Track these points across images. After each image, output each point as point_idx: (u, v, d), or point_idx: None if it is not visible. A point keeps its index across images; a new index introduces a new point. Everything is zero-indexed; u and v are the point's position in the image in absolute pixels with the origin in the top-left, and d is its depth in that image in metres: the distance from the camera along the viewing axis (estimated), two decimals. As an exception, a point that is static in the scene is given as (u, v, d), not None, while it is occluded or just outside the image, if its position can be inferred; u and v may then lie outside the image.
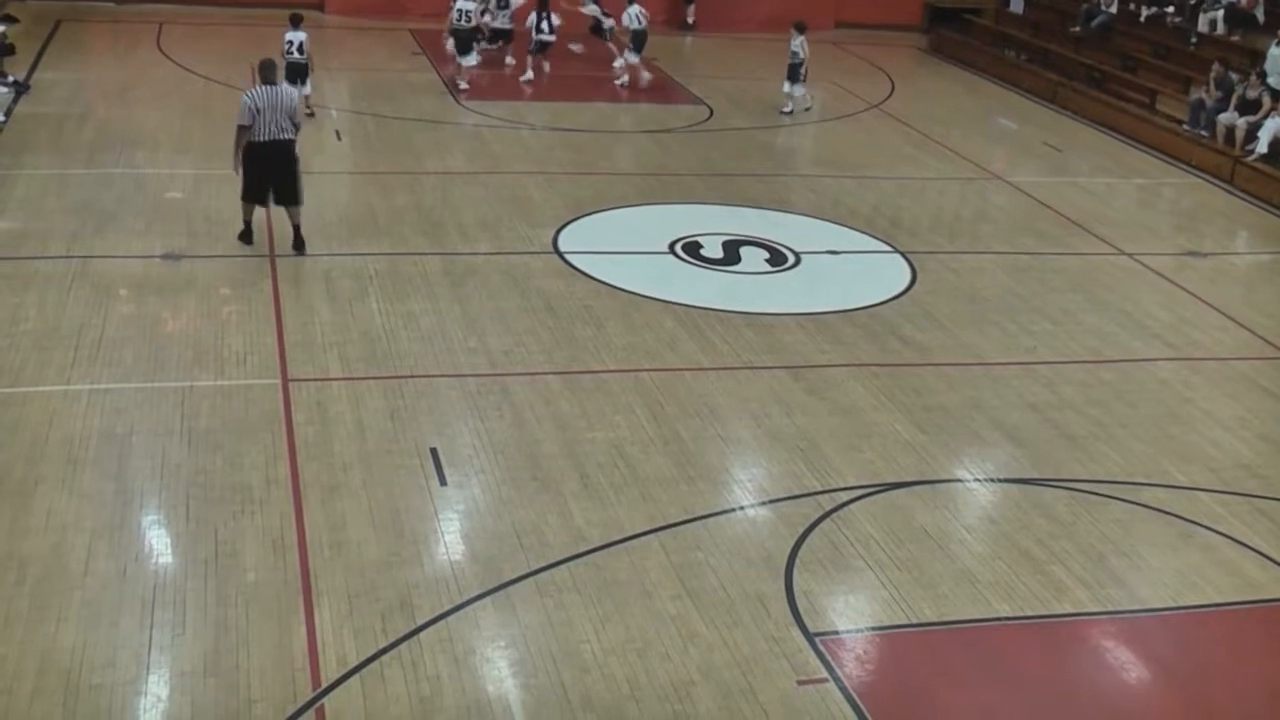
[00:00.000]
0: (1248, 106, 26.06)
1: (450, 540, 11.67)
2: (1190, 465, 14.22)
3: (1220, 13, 30.49)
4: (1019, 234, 21.30)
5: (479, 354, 15.16)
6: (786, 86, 26.87)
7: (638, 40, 28.38)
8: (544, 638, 10.42)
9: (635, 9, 28.40)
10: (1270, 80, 26.35)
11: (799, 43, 26.31)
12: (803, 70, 26.63)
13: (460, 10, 26.82)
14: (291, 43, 23.43)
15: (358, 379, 14.37)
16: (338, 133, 23.63)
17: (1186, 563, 12.41)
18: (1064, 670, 10.76)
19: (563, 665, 10.11)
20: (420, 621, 10.46)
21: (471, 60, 27.06)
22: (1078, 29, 33.14)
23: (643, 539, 11.80)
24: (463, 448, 13.14)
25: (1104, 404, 15.44)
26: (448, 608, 10.64)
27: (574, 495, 12.41)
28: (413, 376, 14.52)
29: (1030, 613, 11.35)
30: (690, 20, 35.66)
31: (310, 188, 19.56)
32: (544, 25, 27.61)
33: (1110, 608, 11.56)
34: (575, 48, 29.73)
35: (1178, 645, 11.43)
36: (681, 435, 13.68)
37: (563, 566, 11.31)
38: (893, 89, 30.77)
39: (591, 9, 28.95)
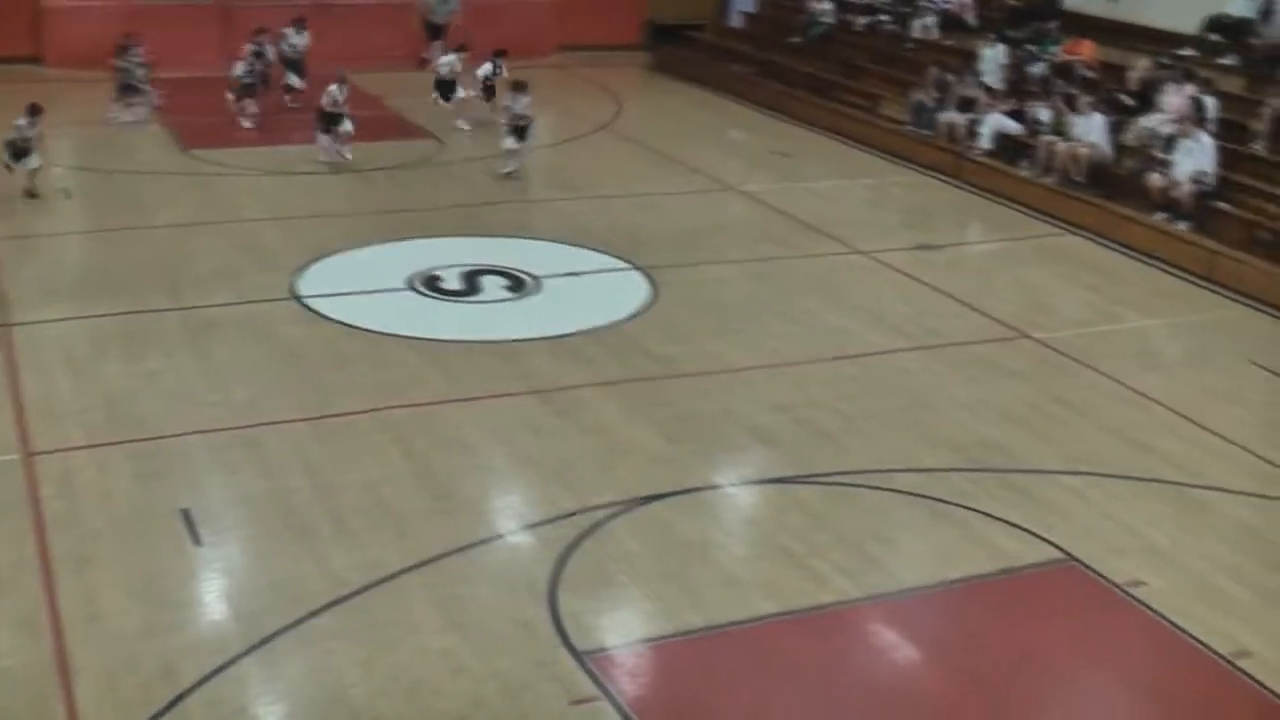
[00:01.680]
0: (965, 104, 26.89)
1: (209, 600, 11.41)
2: (938, 448, 14.57)
3: (932, 18, 31.46)
4: (756, 241, 21.62)
5: (224, 408, 14.81)
6: (509, 143, 24.50)
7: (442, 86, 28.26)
8: (311, 687, 10.23)
9: (452, 58, 28.33)
10: (984, 78, 27.24)
11: (524, 104, 24.29)
12: (530, 130, 24.69)
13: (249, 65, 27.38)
14: (20, 125, 22.44)
15: (103, 445, 13.89)
16: (65, 191, 22.76)
17: (942, 541, 12.74)
18: (833, 658, 10.96)
19: (332, 713, 9.92)
20: (184, 687, 10.12)
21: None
22: (797, 39, 33.75)
23: (403, 577, 11.63)
24: (215, 505, 12.82)
25: (851, 398, 15.73)
26: (211, 670, 10.31)
27: (331, 540, 12.17)
28: (159, 438, 14.09)
29: (795, 607, 11.47)
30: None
31: (38, 251, 19.06)
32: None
33: (872, 593, 11.76)
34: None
35: (939, 620, 11.73)
36: (435, 469, 13.55)
37: (324, 614, 11.07)
38: (620, 109, 30.95)
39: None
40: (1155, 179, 22.49)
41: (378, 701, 10.03)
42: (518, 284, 18.93)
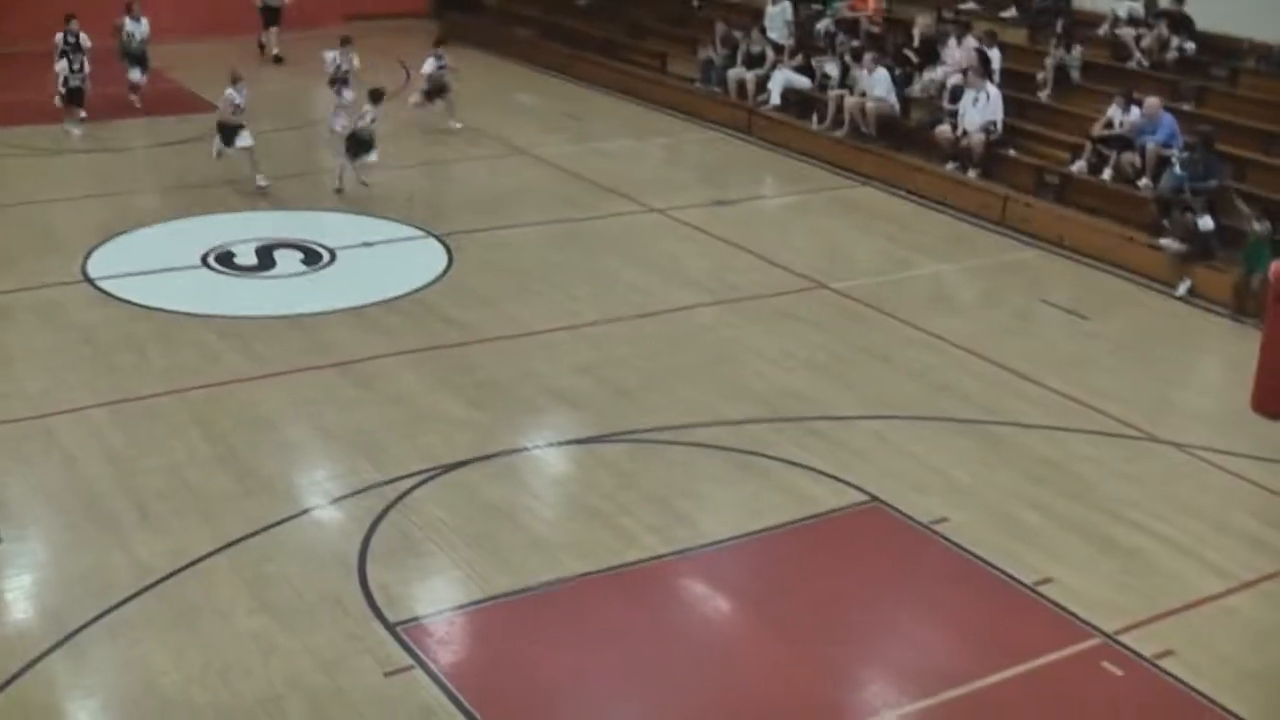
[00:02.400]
0: (753, 61, 27.13)
1: (11, 599, 11.09)
2: (741, 401, 14.74)
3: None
4: (552, 204, 21.61)
5: (16, 398, 14.40)
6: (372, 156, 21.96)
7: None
8: (121, 679, 10.05)
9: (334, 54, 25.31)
10: (771, 35, 27.47)
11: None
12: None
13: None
14: None
15: (-113, 443, 13.52)
16: None
17: (747, 492, 12.92)
18: (645, 615, 11.05)
19: (144, 704, 9.76)
20: (-13, 690, 9.89)
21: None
22: (583, 2, 33.69)
23: (210, 560, 11.46)
24: (12, 500, 12.46)
25: (653, 355, 15.87)
26: (16, 670, 10.06)
27: (134, 528, 11.94)
28: (-53, 433, 13.73)
29: (605, 566, 11.56)
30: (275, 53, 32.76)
31: None
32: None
33: (680, 547, 11.89)
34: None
35: (748, 571, 11.89)
36: (237, 449, 13.37)
37: (132, 603, 10.88)
38: (409, 77, 30.55)
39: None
40: (944, 130, 22.97)
41: (190, 688, 9.90)
42: (313, 257, 18.72)
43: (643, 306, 17.29)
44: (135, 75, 26.82)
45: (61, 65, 24.86)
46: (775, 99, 26.29)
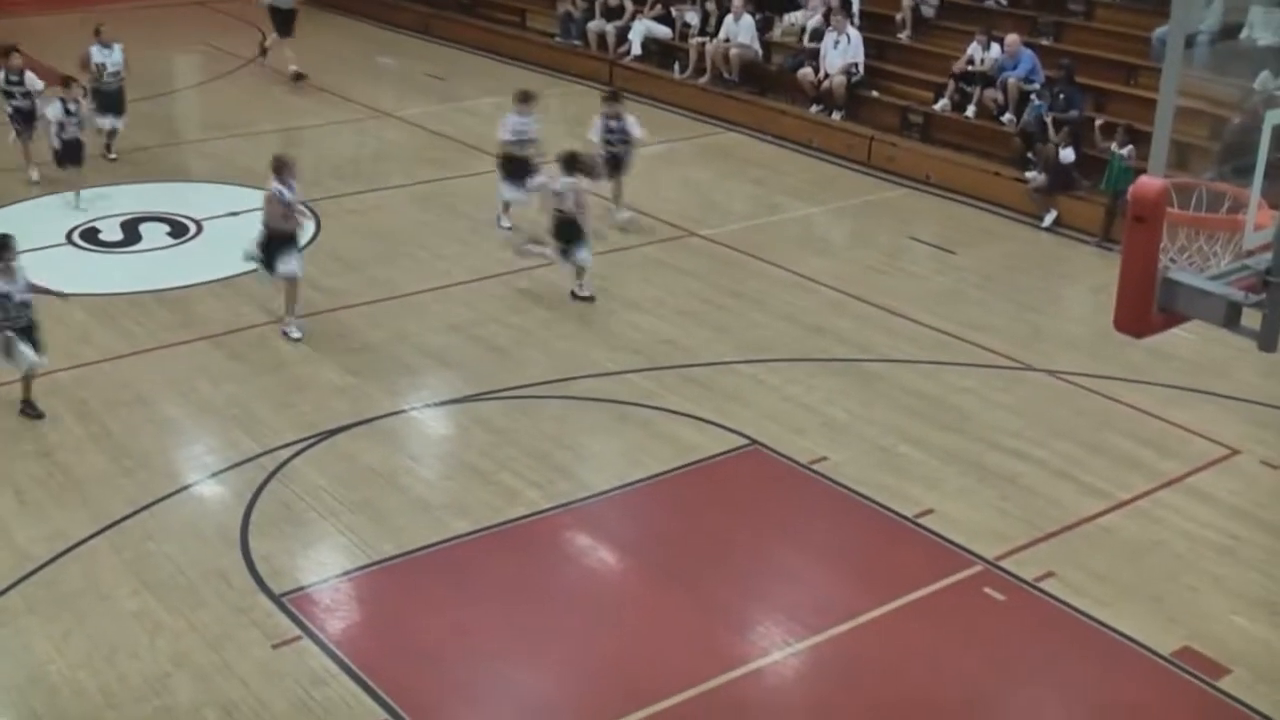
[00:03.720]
0: (612, 13, 27.11)
1: (-114, 596, 10.94)
2: (617, 352, 14.79)
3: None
4: (417, 165, 21.48)
5: (-120, 390, 14.15)
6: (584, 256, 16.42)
7: None
8: (6, 670, 9.92)
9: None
10: (630, -16, 27.48)
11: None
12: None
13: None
14: None
15: None
16: None
17: (627, 442, 13.01)
18: (531, 570, 11.10)
19: (31, 693, 9.64)
20: None
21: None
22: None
23: (90, 543, 11.32)
24: (-117, 493, 12.27)
25: (524, 311, 15.87)
26: (-105, 668, 9.93)
27: (12, 515, 11.75)
28: None
29: (488, 523, 11.59)
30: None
31: None
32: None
33: (562, 500, 11.96)
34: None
35: (632, 520, 12.04)
36: (111, 429, 13.18)
37: (12, 592, 10.71)
38: (266, 42, 30.21)
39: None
40: (806, 73, 23.08)
41: (77, 674, 9.80)
42: (179, 229, 18.45)
43: (512, 263, 17.18)
44: (107, 121, 21.10)
45: (54, 110, 19.34)
46: (636, 49, 26.34)
